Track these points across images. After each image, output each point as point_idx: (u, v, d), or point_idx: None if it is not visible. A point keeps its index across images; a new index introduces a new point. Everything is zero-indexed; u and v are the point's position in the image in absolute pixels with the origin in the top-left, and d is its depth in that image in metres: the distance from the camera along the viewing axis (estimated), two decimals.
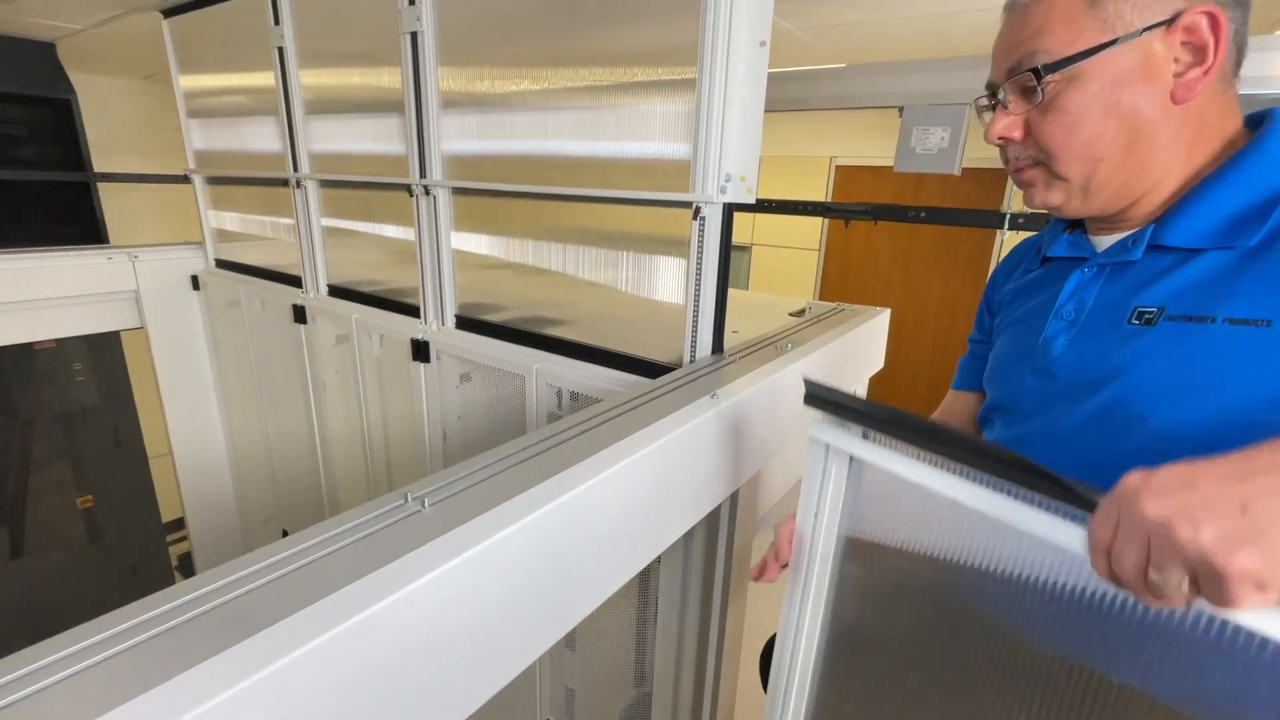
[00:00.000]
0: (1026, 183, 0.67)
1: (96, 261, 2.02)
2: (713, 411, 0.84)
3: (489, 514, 0.55)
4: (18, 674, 0.37)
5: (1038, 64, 0.60)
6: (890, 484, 0.56)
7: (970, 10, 1.75)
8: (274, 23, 1.67)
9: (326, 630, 0.42)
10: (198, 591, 0.45)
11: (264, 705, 0.39)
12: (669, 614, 1.21)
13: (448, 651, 0.51)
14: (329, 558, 0.49)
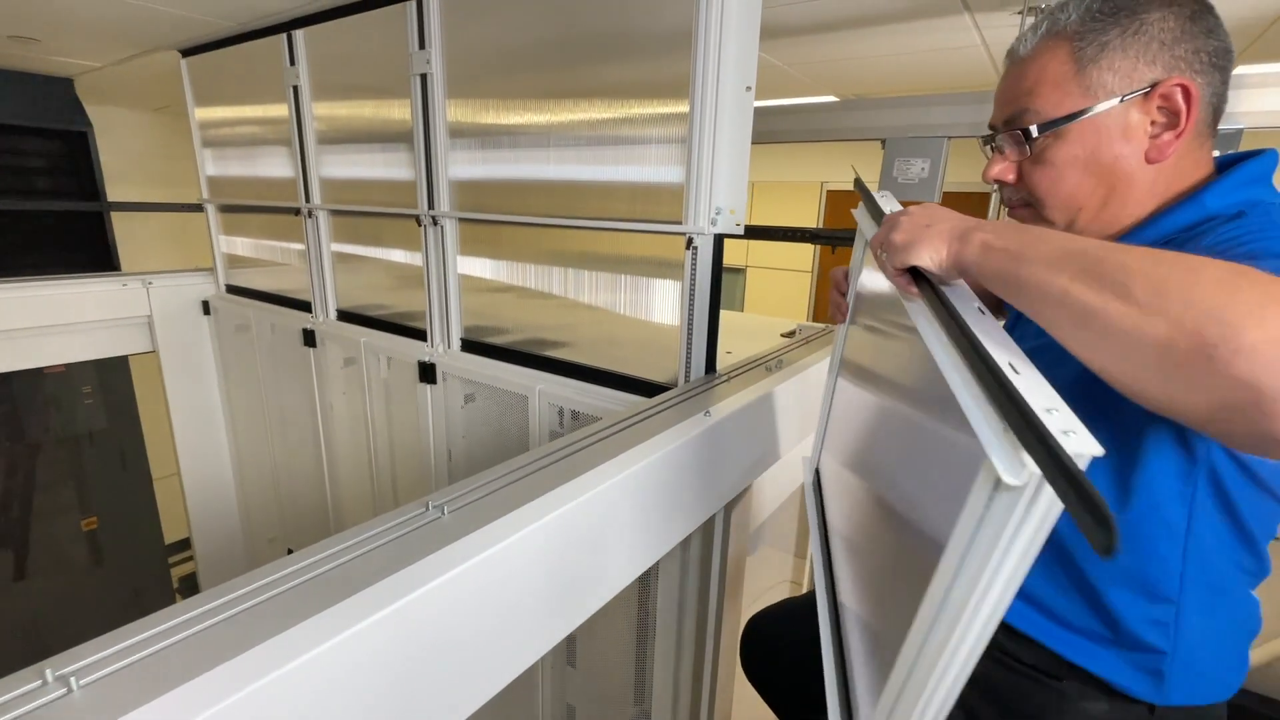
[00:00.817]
0: (1018, 219, 0.74)
1: (113, 288, 2.09)
2: (706, 427, 0.90)
3: (503, 520, 0.61)
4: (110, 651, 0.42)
5: (1028, 124, 0.68)
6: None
7: (947, 48, 1.86)
8: (289, 63, 1.77)
9: (359, 622, 0.48)
10: (247, 588, 0.50)
11: (308, 686, 0.45)
12: (667, 621, 1.26)
13: (466, 642, 0.57)
14: (361, 558, 0.55)
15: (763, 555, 1.95)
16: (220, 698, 0.40)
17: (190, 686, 0.40)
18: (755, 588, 1.86)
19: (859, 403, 0.77)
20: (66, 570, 3.01)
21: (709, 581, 1.14)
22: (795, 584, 2.03)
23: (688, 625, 1.24)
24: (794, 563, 1.91)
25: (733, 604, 1.18)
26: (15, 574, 2.90)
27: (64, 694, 0.39)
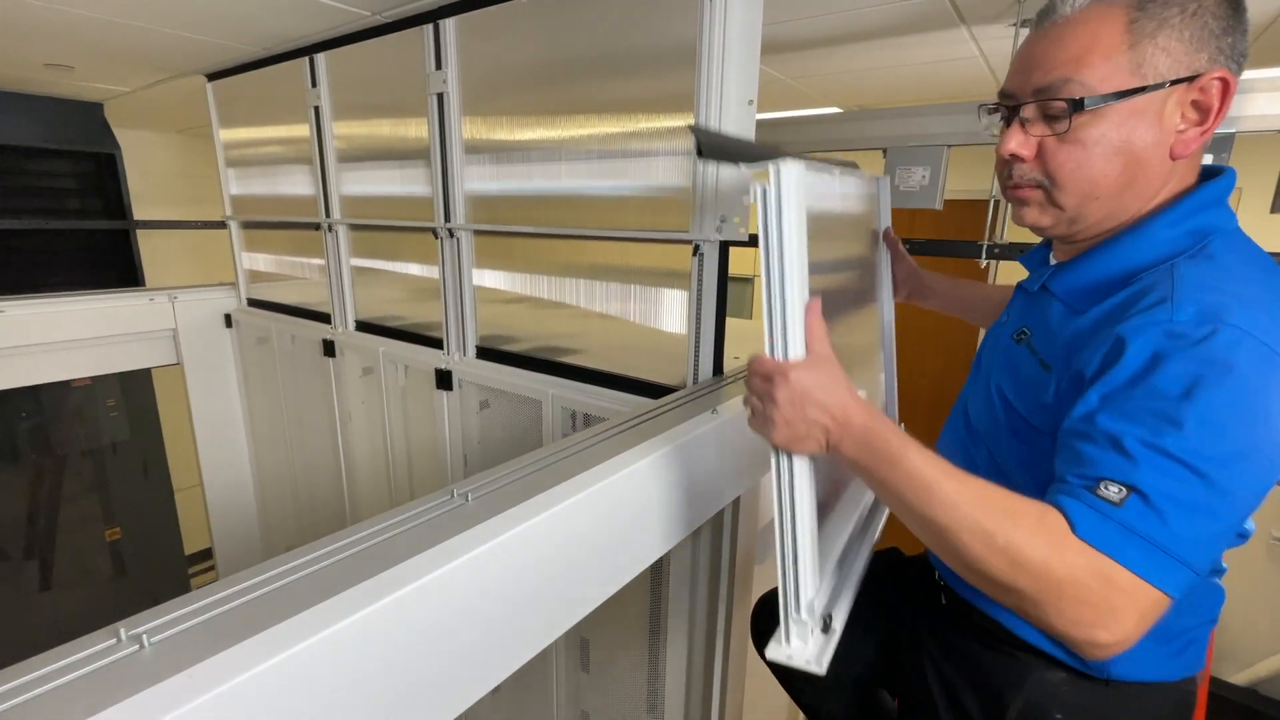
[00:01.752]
0: (1021, 200, 0.70)
1: (140, 302, 2.17)
2: (713, 425, 0.94)
3: (523, 505, 0.66)
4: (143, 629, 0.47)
5: (1074, 95, 0.61)
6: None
7: (945, 60, 1.90)
8: (311, 85, 1.85)
9: (393, 593, 0.52)
10: (292, 563, 0.55)
11: (350, 647, 0.49)
12: (678, 620, 1.29)
13: (489, 618, 0.61)
14: (393, 538, 0.59)
15: (773, 566, 1.97)
16: (273, 654, 0.44)
17: (249, 644, 0.45)
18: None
19: None
20: (90, 580, 3.09)
21: (718, 578, 1.17)
22: None
23: (698, 624, 1.27)
24: None
25: (742, 602, 1.21)
26: (41, 584, 2.98)
27: (136, 650, 0.44)
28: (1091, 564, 0.53)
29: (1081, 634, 0.54)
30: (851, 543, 0.91)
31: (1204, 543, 0.54)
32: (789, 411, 0.63)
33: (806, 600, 0.68)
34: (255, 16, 1.62)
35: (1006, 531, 0.55)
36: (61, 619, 3.00)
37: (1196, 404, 0.53)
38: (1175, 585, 0.54)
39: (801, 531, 0.67)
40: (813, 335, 0.65)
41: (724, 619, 1.21)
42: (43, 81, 2.43)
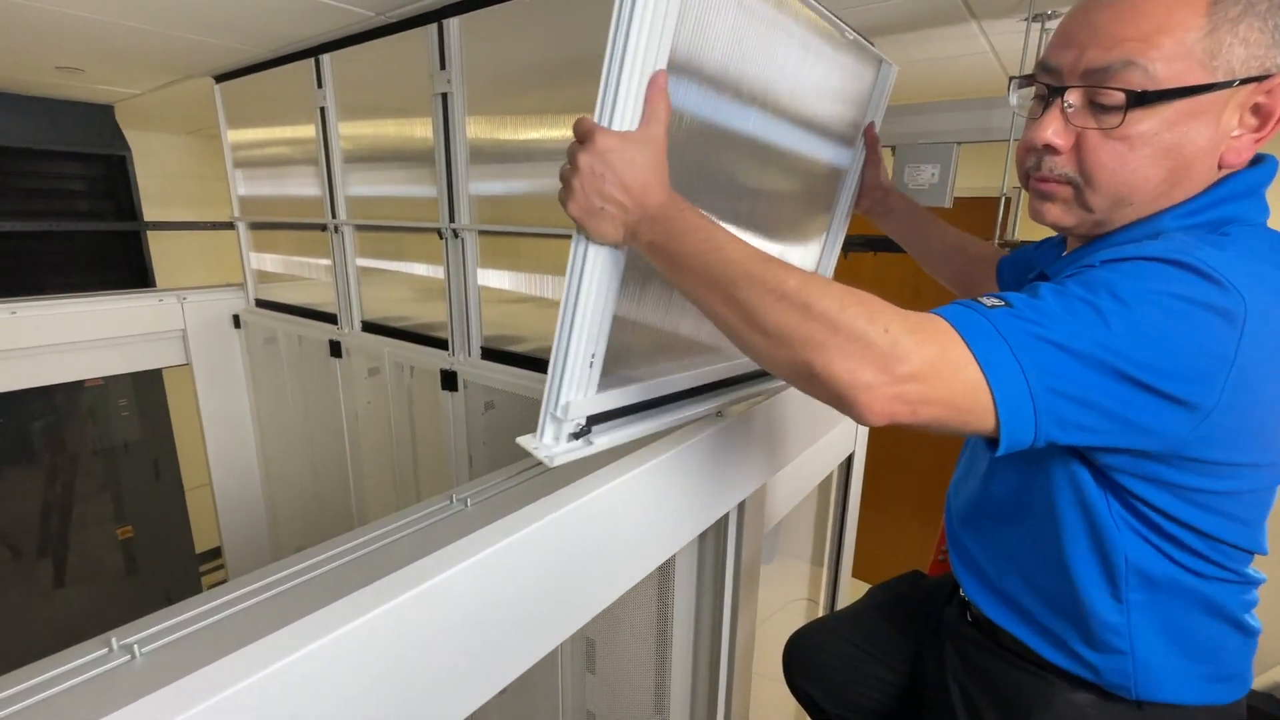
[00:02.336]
0: (1046, 195, 0.63)
1: (149, 303, 2.19)
2: (718, 428, 0.93)
3: (523, 511, 0.65)
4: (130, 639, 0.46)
5: (1135, 85, 0.53)
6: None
7: (955, 56, 1.88)
8: (317, 86, 1.85)
9: (388, 602, 0.52)
10: (290, 569, 0.54)
11: (348, 655, 0.49)
12: (684, 622, 1.28)
13: (488, 625, 0.60)
14: (391, 545, 0.59)
15: (780, 565, 1.96)
16: (268, 664, 0.44)
17: (242, 653, 0.44)
18: (775, 598, 1.87)
19: None
20: (103, 578, 3.12)
21: (724, 580, 1.16)
22: (812, 601, 2.03)
23: (704, 626, 1.25)
24: (810, 570, 1.92)
25: (748, 603, 1.20)
26: (55, 581, 3.01)
27: (127, 660, 0.43)
28: (910, 319, 0.52)
29: (845, 372, 0.50)
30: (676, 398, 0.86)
31: (1042, 361, 0.51)
32: (587, 180, 0.59)
33: (563, 402, 0.66)
34: (262, 19, 1.62)
35: (805, 279, 0.53)
36: (75, 616, 3.03)
37: (1135, 311, 0.50)
38: (987, 353, 0.50)
39: (578, 333, 0.64)
40: (650, 110, 0.60)
41: (729, 621, 1.20)
42: (54, 84, 2.45)
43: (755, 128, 0.83)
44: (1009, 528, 0.73)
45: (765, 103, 0.82)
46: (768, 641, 1.37)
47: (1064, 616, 0.68)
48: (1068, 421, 0.53)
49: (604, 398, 0.71)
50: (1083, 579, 0.65)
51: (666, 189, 0.61)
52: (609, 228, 0.61)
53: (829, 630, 1.08)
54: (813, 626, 1.12)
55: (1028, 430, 0.53)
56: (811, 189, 1.02)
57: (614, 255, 0.64)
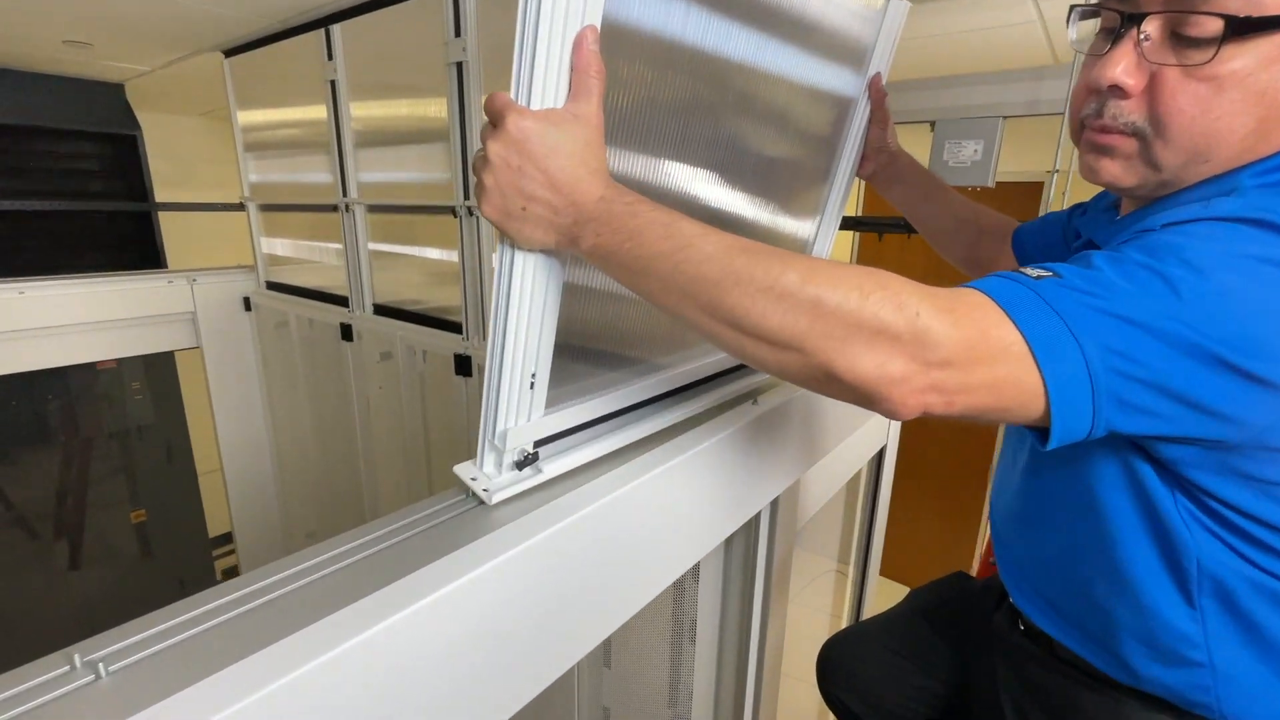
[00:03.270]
0: (1103, 149, 0.54)
1: (158, 285, 2.14)
2: (753, 416, 0.85)
3: (546, 508, 0.58)
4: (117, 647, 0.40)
5: (1239, 11, 0.45)
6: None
7: (1000, 26, 1.77)
8: (328, 58, 1.78)
9: (393, 614, 0.45)
10: (280, 574, 0.48)
11: (346, 677, 0.42)
12: (707, 626, 1.21)
13: (507, 638, 0.53)
14: (399, 546, 0.52)
15: (798, 559, 1.89)
16: (254, 687, 0.37)
17: (225, 674, 0.37)
18: (794, 592, 1.80)
19: None
20: (117, 560, 3.12)
21: (753, 580, 1.09)
22: (841, 574, 1.96)
23: (730, 625, 1.19)
24: (837, 571, 1.84)
25: (778, 603, 1.13)
26: (70, 563, 3.02)
27: (91, 680, 0.37)
28: (941, 297, 0.44)
29: (874, 368, 0.42)
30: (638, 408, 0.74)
31: (1102, 337, 0.43)
32: (501, 175, 0.48)
33: (500, 430, 0.56)
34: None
35: (807, 269, 0.44)
36: (90, 598, 3.04)
37: (1211, 278, 0.42)
38: (1036, 330, 0.43)
39: (512, 353, 0.53)
40: (579, 80, 0.48)
41: (759, 624, 1.13)
42: (63, 61, 2.40)
43: (729, 82, 0.69)
44: (1057, 531, 0.65)
45: (742, 51, 0.68)
46: (787, 636, 1.30)
47: (1126, 628, 0.60)
48: (1132, 407, 0.45)
49: (554, 419, 0.61)
50: (1147, 586, 0.57)
51: (605, 180, 0.50)
52: (536, 232, 0.50)
53: (867, 637, 1.01)
54: (849, 633, 1.05)
55: (1084, 418, 0.45)
56: (802, 155, 0.89)
57: (549, 260, 0.53)
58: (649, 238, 0.47)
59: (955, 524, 3.45)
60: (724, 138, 0.73)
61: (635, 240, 0.47)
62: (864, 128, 0.94)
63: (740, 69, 0.70)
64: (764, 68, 0.74)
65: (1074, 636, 0.65)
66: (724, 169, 0.75)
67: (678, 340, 0.82)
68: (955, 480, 3.46)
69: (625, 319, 0.69)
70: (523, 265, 0.51)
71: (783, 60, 0.76)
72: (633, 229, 0.47)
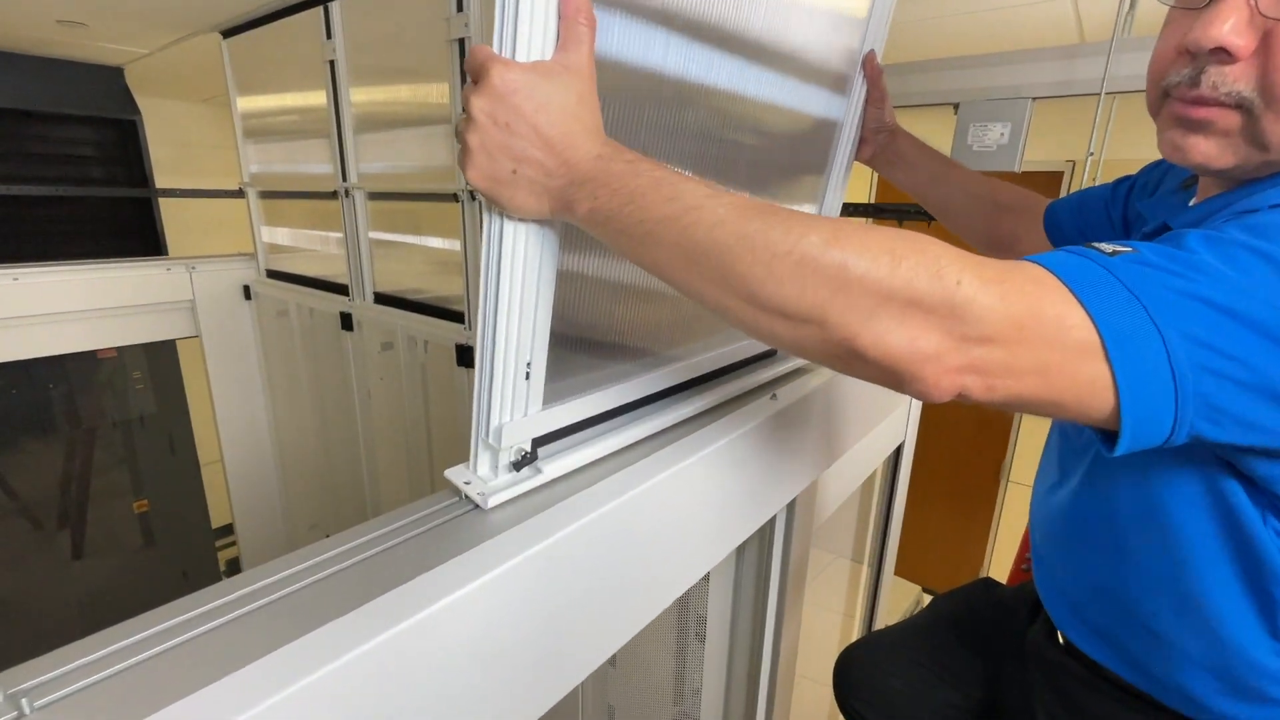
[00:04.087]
0: (1198, 124, 0.48)
1: (156, 272, 2.10)
2: (772, 412, 0.79)
3: (550, 512, 0.52)
4: (77, 663, 0.35)
5: None
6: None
7: (1026, 4, 1.68)
8: (326, 37, 1.72)
9: (379, 634, 0.40)
10: (230, 596, 0.43)
11: (316, 713, 0.37)
12: (717, 627, 1.16)
13: (503, 658, 0.48)
14: (387, 555, 0.46)
15: (822, 560, 1.83)
16: None
17: (175, 710, 0.32)
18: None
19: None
20: (120, 551, 3.10)
21: (767, 585, 1.04)
22: (856, 562, 1.91)
23: (741, 628, 1.13)
24: (850, 567, 1.79)
25: (794, 609, 1.07)
26: (73, 553, 3.00)
27: (13, 717, 0.32)
28: (990, 266, 0.38)
29: (906, 342, 0.37)
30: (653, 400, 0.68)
31: (1194, 326, 0.37)
32: (488, 135, 0.43)
33: (495, 426, 0.51)
34: None
35: (831, 231, 0.39)
36: (93, 588, 3.02)
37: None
38: (1106, 310, 0.37)
39: (505, 339, 0.48)
40: (569, 28, 0.43)
41: (773, 627, 1.08)
42: (59, 42, 2.34)
43: (717, 73, 0.63)
44: (1115, 555, 0.58)
45: (730, 36, 0.63)
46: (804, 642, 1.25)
47: (1196, 661, 0.54)
48: (1224, 414, 0.39)
49: (553, 414, 0.55)
50: (1227, 617, 0.51)
51: (601, 136, 0.45)
52: (528, 198, 0.45)
53: (889, 646, 0.95)
54: (869, 642, 0.99)
55: (1162, 422, 0.39)
56: (798, 142, 0.83)
57: (543, 231, 0.48)
58: (652, 200, 0.42)
59: (968, 522, 3.39)
60: (714, 128, 0.67)
61: (637, 203, 0.42)
62: (861, 109, 0.88)
63: (729, 55, 0.64)
64: (753, 51, 0.67)
65: (1129, 667, 0.59)
66: (716, 161, 0.69)
67: (688, 328, 0.76)
68: (968, 477, 3.39)
69: (630, 303, 0.63)
70: (513, 238, 0.46)
71: (773, 42, 0.69)
72: (634, 190, 0.42)
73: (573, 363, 0.57)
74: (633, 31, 0.52)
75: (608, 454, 0.59)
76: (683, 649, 1.28)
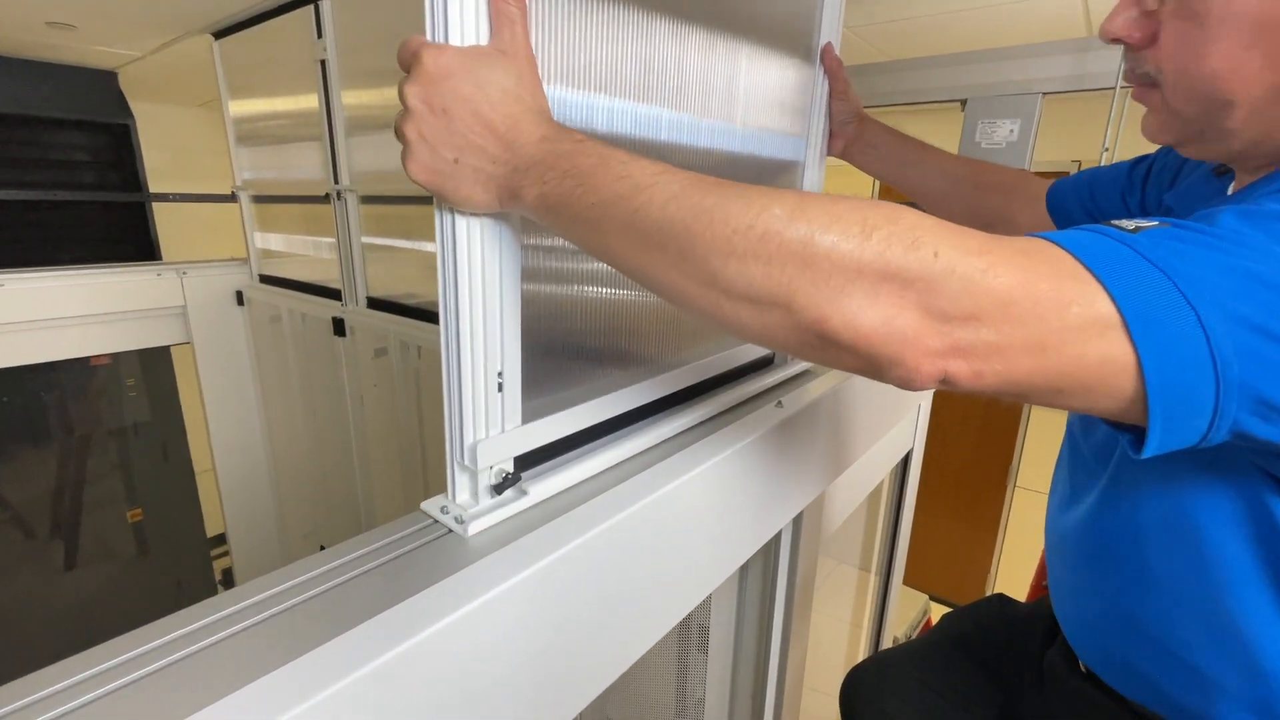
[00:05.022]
0: (1144, 102, 0.52)
1: (146, 278, 2.06)
2: (776, 421, 0.75)
3: (529, 537, 0.47)
4: (65, 684, 0.30)
5: None
6: None
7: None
8: (317, 35, 1.68)
9: (347, 674, 0.35)
10: (182, 630, 0.38)
11: None
12: (721, 646, 1.11)
13: (482, 701, 0.43)
14: (355, 584, 0.42)
15: (828, 568, 1.79)
16: None
17: None
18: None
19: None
20: (113, 561, 3.05)
21: (773, 602, 0.99)
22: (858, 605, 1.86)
23: (746, 648, 1.09)
24: (857, 574, 1.74)
25: (801, 625, 1.03)
26: (66, 563, 2.95)
27: None
28: (975, 238, 0.35)
29: (880, 323, 0.34)
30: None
31: (1236, 303, 0.33)
32: (425, 124, 0.41)
33: (469, 444, 0.47)
34: None
35: (794, 205, 0.35)
36: (85, 599, 2.97)
37: None
38: (1125, 282, 0.33)
39: (469, 346, 0.45)
40: (497, 9, 0.42)
41: (780, 643, 1.03)
42: (50, 45, 2.31)
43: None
44: (1138, 579, 0.54)
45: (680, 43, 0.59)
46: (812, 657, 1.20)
47: (1234, 695, 0.50)
48: (1273, 407, 0.34)
49: (536, 430, 0.51)
50: (1269, 646, 0.47)
51: (545, 117, 0.43)
52: (474, 189, 0.43)
53: (897, 668, 0.90)
54: (878, 663, 0.94)
55: (1201, 411, 0.34)
56: (770, 147, 0.80)
57: (499, 226, 0.45)
58: (602, 179, 0.39)
59: (975, 529, 3.33)
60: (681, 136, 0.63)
61: (586, 184, 0.39)
62: (825, 103, 0.86)
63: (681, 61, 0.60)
64: (710, 59, 0.64)
65: (1158, 701, 0.55)
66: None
67: (681, 333, 0.71)
68: (974, 483, 3.34)
69: (615, 306, 0.59)
70: (467, 236, 0.43)
71: (726, 52, 0.66)
72: (583, 170, 0.39)
73: (556, 372, 0.52)
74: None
75: (600, 471, 0.54)
76: (684, 662, 1.23)
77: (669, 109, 0.59)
